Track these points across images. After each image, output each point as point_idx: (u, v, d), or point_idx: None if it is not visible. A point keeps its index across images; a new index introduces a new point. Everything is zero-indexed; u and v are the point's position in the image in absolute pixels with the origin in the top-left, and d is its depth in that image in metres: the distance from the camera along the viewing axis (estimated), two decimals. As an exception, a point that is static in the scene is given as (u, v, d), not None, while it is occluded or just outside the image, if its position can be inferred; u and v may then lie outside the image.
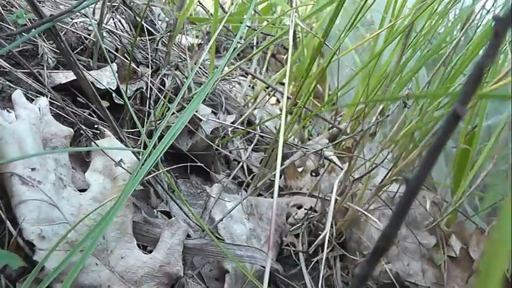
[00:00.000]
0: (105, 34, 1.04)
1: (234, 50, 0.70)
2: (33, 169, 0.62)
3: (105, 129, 0.82)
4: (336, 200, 0.99)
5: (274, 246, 0.93)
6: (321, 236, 0.90)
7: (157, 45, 1.15)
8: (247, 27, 1.53)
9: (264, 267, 0.80)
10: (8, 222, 0.60)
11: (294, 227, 1.02)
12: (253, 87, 1.53)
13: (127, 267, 0.66)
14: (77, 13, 0.99)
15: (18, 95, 0.71)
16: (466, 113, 0.27)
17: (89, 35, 0.99)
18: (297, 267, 0.96)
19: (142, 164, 0.58)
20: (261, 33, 1.68)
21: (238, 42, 0.77)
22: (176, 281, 0.72)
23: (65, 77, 0.88)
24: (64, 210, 0.63)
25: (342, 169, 1.09)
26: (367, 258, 0.31)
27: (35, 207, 0.60)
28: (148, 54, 1.10)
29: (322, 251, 0.87)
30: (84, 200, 0.67)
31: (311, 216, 1.02)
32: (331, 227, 1.03)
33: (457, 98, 0.27)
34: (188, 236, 0.77)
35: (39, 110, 0.71)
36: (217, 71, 0.68)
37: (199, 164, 1.00)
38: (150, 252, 0.71)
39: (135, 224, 0.72)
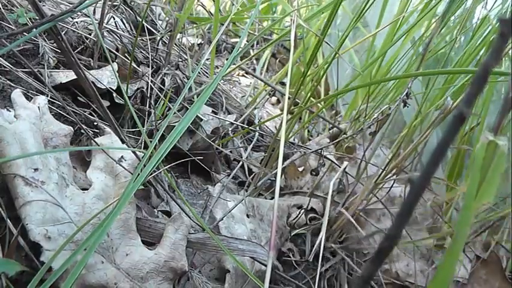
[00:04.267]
0: (105, 34, 1.04)
1: (238, 51, 0.70)
2: (36, 169, 0.62)
3: (105, 127, 0.82)
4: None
5: (275, 246, 0.93)
6: (319, 236, 0.90)
7: (157, 45, 1.14)
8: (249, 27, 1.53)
9: (264, 264, 0.80)
10: (9, 221, 0.60)
11: (295, 231, 1.02)
12: (254, 87, 1.53)
13: (132, 264, 0.66)
14: (78, 13, 0.99)
15: (17, 95, 0.70)
16: (470, 114, 0.27)
17: (90, 34, 0.99)
18: (297, 269, 0.96)
19: (144, 165, 0.58)
20: (262, 37, 1.68)
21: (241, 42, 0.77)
22: (181, 276, 0.72)
23: (65, 76, 0.88)
24: (68, 209, 0.63)
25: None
26: (371, 258, 0.31)
27: (40, 208, 0.59)
28: (148, 54, 1.10)
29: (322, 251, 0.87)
30: (88, 198, 0.67)
31: (311, 216, 1.02)
32: (331, 226, 1.03)
33: (461, 99, 0.27)
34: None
35: (39, 109, 0.71)
36: (220, 72, 0.68)
37: (199, 163, 1.00)
38: (153, 245, 0.71)
39: (138, 220, 0.72)
